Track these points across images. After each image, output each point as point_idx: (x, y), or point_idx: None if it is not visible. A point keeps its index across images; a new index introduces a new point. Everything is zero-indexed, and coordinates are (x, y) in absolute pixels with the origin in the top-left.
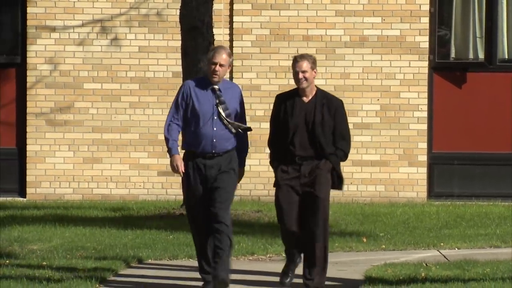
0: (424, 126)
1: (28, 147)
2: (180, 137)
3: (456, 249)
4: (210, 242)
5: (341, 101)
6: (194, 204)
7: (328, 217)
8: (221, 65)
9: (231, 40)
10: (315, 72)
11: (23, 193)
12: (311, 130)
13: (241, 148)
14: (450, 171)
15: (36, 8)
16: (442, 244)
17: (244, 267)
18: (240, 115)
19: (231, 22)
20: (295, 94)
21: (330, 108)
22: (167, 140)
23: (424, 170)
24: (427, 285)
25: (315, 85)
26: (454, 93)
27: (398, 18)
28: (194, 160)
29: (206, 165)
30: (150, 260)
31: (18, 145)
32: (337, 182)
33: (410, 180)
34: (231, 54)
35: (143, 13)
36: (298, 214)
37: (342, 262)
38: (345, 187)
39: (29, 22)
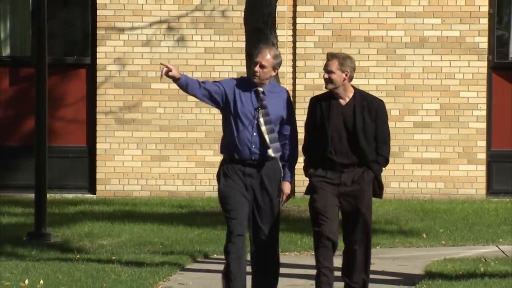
0: (483, 125)
1: (98, 145)
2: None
3: None
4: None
5: (382, 102)
6: (234, 205)
7: (371, 227)
8: (261, 66)
9: (294, 41)
10: (346, 74)
11: (93, 190)
12: (353, 136)
13: (288, 156)
14: (508, 168)
15: (105, 10)
16: (501, 240)
17: (307, 262)
18: (287, 122)
19: (294, 23)
20: (331, 96)
21: (371, 111)
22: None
23: (483, 167)
24: (485, 280)
25: (352, 86)
26: None
27: (457, 19)
28: (232, 165)
29: (245, 173)
30: (215, 255)
31: (88, 143)
32: (378, 190)
33: (469, 177)
34: (278, 55)
35: (208, 15)
36: (337, 222)
37: (403, 257)
38: (406, 183)
39: (99, 24)
